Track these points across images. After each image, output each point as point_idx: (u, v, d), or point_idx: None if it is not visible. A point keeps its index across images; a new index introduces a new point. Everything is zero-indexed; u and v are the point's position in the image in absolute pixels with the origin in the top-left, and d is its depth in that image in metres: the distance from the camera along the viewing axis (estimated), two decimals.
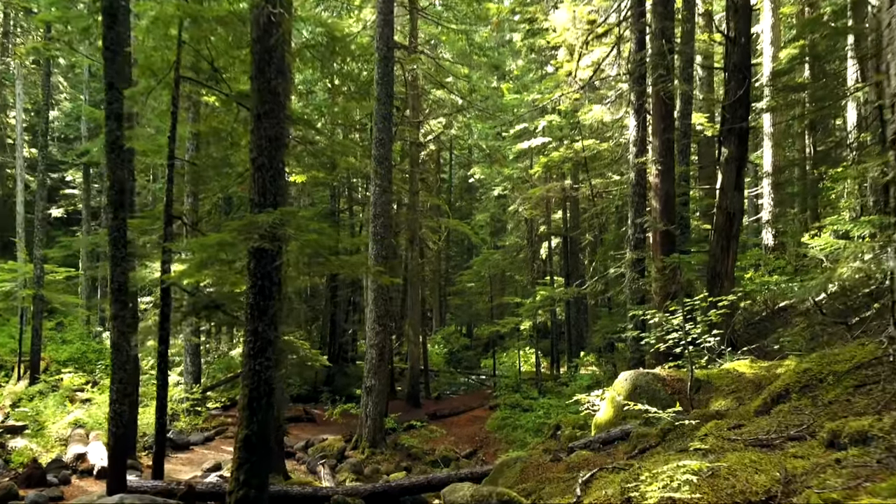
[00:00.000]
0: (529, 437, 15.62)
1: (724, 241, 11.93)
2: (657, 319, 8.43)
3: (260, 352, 6.51)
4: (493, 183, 27.11)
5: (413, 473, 13.45)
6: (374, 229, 14.15)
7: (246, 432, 6.39)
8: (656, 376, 8.20)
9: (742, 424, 4.72)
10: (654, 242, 12.48)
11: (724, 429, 4.78)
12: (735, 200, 11.96)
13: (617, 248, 21.97)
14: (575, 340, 25.04)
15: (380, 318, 14.02)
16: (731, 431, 4.53)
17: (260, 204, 6.56)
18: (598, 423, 8.62)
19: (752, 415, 5.53)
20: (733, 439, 4.20)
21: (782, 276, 20.82)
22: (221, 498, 7.81)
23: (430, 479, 7.88)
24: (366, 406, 13.98)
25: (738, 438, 4.20)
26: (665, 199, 12.39)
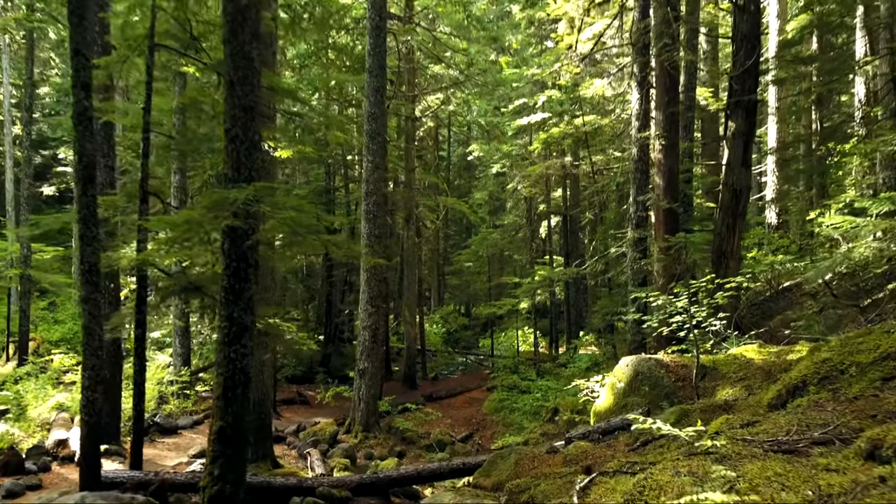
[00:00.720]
0: (527, 421, 15.29)
1: (730, 220, 11.45)
2: (660, 302, 7.98)
3: (235, 338, 6.06)
4: (492, 160, 26.53)
5: (407, 458, 13.12)
6: (367, 207, 13.66)
7: (220, 424, 5.96)
8: (659, 362, 7.77)
9: (756, 421, 4.28)
10: (656, 221, 12.00)
11: (736, 426, 4.34)
12: (742, 177, 11.45)
13: (618, 226, 21.49)
14: (574, 320, 24.67)
15: (373, 299, 13.58)
16: (745, 430, 4.09)
17: (234, 179, 6.06)
18: (597, 410, 8.21)
19: (766, 408, 5.10)
20: (749, 440, 3.76)
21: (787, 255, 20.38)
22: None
23: (419, 471, 7.49)
24: (359, 389, 13.60)
25: (753, 439, 3.75)
26: (668, 175, 11.88)
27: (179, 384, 14.99)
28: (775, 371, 6.79)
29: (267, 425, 10.75)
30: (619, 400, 7.85)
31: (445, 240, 45.15)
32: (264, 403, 10.69)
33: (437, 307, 37.47)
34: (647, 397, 7.53)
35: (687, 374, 7.59)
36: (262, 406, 10.65)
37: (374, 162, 13.60)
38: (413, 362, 20.94)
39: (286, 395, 18.21)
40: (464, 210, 24.05)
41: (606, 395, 8.17)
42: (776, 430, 3.88)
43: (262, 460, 10.57)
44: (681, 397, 7.33)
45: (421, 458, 13.12)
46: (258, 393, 10.62)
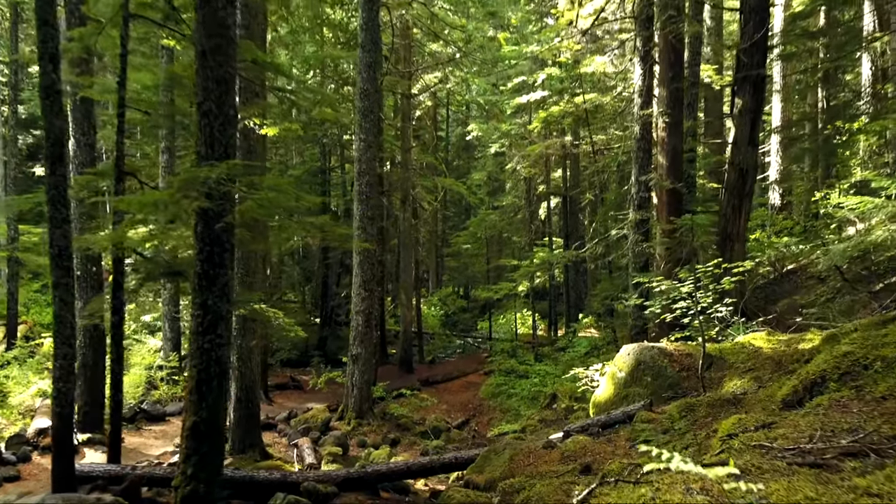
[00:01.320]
0: (524, 406, 14.97)
1: (736, 201, 11.01)
2: (664, 287, 7.57)
3: (210, 327, 5.65)
4: (490, 140, 25.97)
5: (401, 445, 12.80)
6: (360, 188, 13.20)
7: (194, 419, 5.58)
8: (662, 351, 7.37)
9: (773, 423, 3.88)
10: (659, 202, 11.55)
11: (750, 427, 3.94)
12: (749, 156, 10.99)
13: (618, 207, 21.01)
14: (573, 303, 24.30)
15: (366, 282, 13.17)
16: (761, 433, 3.69)
17: (207, 156, 5.61)
18: (597, 401, 7.83)
19: (780, 405, 4.70)
20: (767, 447, 3.36)
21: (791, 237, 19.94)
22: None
23: (409, 465, 7.13)
24: (352, 375, 13.24)
25: (772, 447, 3.35)
26: (672, 154, 11.41)
27: (168, 369, 14.64)
28: (786, 361, 6.39)
29: (255, 414, 10.40)
30: (620, 390, 7.47)
31: (444, 221, 44.67)
32: (252, 391, 10.33)
33: (435, 289, 37.11)
34: (650, 388, 7.15)
35: (692, 363, 7.20)
36: (250, 394, 10.30)
37: (367, 140, 13.11)
38: (409, 346, 20.60)
39: (279, 380, 17.89)
40: (461, 191, 23.58)
41: (606, 384, 7.79)
42: (797, 434, 3.48)
43: (251, 450, 10.25)
44: (685, 388, 6.95)
45: (415, 446, 12.80)
46: (246, 380, 10.26)
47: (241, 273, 10.20)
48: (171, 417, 13.06)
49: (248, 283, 10.19)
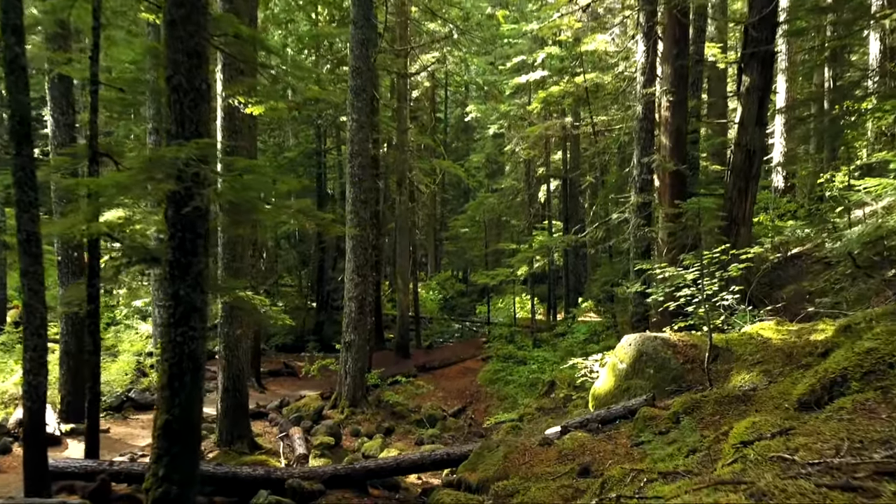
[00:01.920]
0: (522, 393, 14.66)
1: (742, 183, 10.61)
2: (668, 274, 7.18)
3: (182, 319, 5.27)
4: (489, 121, 25.44)
5: (395, 434, 12.49)
6: (352, 170, 12.76)
7: (166, 417, 5.21)
8: (665, 341, 7.00)
9: (791, 429, 3.50)
10: (662, 184, 11.13)
11: (766, 433, 3.57)
12: (756, 136, 10.57)
13: (619, 190, 20.55)
14: (573, 286, 23.94)
15: (359, 267, 12.78)
16: (779, 441, 3.32)
17: (177, 135, 5.19)
18: (596, 393, 7.47)
19: (795, 404, 4.33)
20: (787, 460, 2.99)
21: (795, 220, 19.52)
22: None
23: (399, 461, 6.79)
24: (345, 362, 12.90)
25: (793, 458, 2.98)
26: (676, 135, 10.97)
27: (157, 356, 14.27)
28: (798, 354, 6.02)
29: (243, 404, 10.07)
30: (621, 383, 7.11)
31: (443, 204, 44.18)
32: (240, 380, 9.98)
33: (433, 273, 36.76)
34: (652, 381, 6.79)
35: (696, 355, 6.83)
36: (238, 383, 9.95)
37: (360, 121, 12.65)
38: (406, 331, 20.28)
39: (273, 367, 17.57)
40: (459, 174, 23.14)
41: (606, 376, 7.43)
42: (821, 445, 3.11)
43: (239, 441, 9.93)
44: (690, 382, 6.59)
45: (410, 435, 12.50)
46: (233, 370, 9.91)
47: (227, 259, 9.82)
48: None
49: (235, 268, 9.81)
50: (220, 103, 9.68)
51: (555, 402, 13.36)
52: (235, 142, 9.76)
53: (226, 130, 9.72)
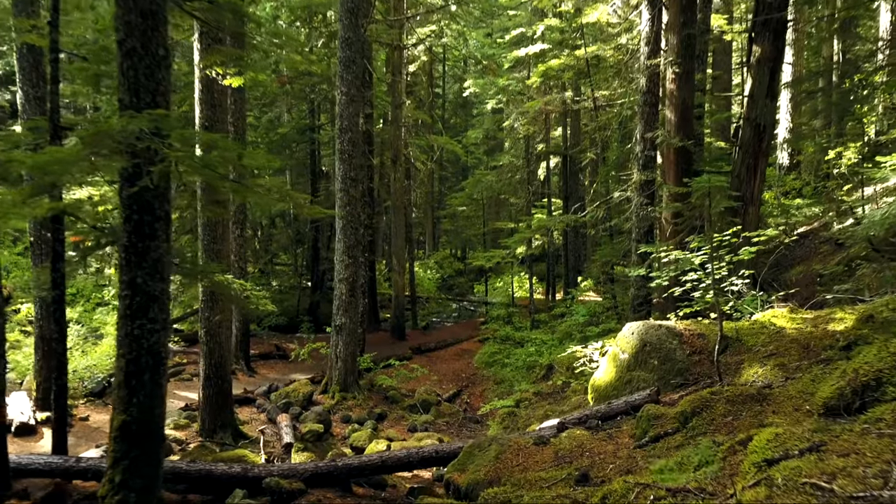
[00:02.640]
0: (519, 377, 14.25)
1: (751, 160, 10.07)
2: (673, 257, 6.68)
3: (140, 311, 4.78)
4: (487, 96, 24.75)
5: (388, 420, 12.10)
6: (342, 146, 12.20)
7: (123, 418, 4.75)
8: (671, 330, 6.52)
9: (823, 444, 3.02)
10: (666, 161, 10.58)
11: (793, 449, 3.09)
12: (766, 110, 10.00)
13: (620, 168, 19.95)
14: (572, 265, 23.47)
15: (350, 248, 12.28)
16: (811, 461, 2.83)
17: (132, 105, 4.66)
18: (596, 385, 7.01)
19: (820, 408, 3.85)
20: (824, 489, 2.51)
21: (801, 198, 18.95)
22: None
23: (384, 459, 6.36)
24: (336, 346, 12.46)
25: (831, 487, 2.50)
26: (682, 108, 10.39)
27: None
28: (815, 346, 5.55)
29: (226, 392, 9.62)
30: (623, 374, 6.64)
31: (441, 182, 43.54)
32: (222, 367, 9.53)
33: (431, 252, 36.27)
34: (656, 373, 6.32)
35: (704, 345, 6.35)
36: (220, 370, 9.50)
37: (350, 94, 12.05)
38: (401, 312, 19.83)
39: (264, 349, 17.14)
40: (456, 150, 22.52)
41: (607, 366, 6.97)
42: (863, 469, 2.62)
43: (222, 430, 9.51)
44: (697, 375, 6.12)
45: (403, 421, 12.10)
46: (214, 357, 9.46)
47: (207, 240, 9.31)
48: None
49: (216, 250, 9.30)
50: (197, 74, 9.09)
51: (553, 386, 12.95)
52: (215, 115, 9.18)
53: (204, 104, 9.14)
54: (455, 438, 11.17)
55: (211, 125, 9.16)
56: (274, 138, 21.93)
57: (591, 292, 26.18)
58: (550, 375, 13.38)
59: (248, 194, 5.09)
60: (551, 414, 11.02)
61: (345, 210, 12.17)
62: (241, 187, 4.87)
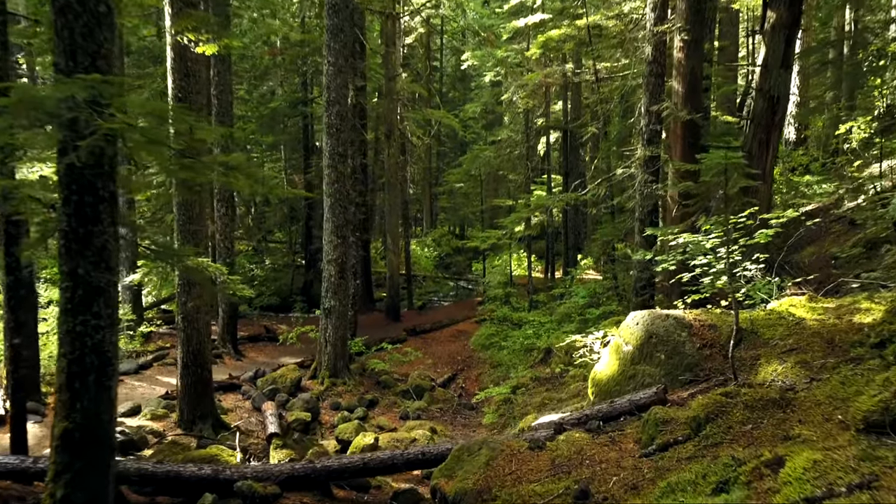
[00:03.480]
0: (517, 360, 13.76)
1: (763, 134, 9.45)
2: (683, 241, 6.11)
3: (83, 305, 4.22)
4: (485, 68, 23.95)
5: (379, 407, 11.63)
6: (329, 120, 11.56)
7: (65, 425, 4.22)
8: (679, 321, 5.97)
9: (875, 479, 2.49)
10: (673, 136, 9.94)
11: (837, 482, 2.55)
12: (781, 80, 9.35)
13: (622, 143, 19.28)
14: (572, 243, 22.88)
15: (338, 228, 11.70)
16: (864, 501, 2.30)
17: (68, 70, 4.05)
18: (597, 378, 6.49)
19: (860, 423, 3.30)
20: None
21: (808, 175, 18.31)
22: None
23: (366, 461, 5.86)
24: (325, 330, 11.95)
25: None
26: (691, 79, 9.73)
27: (125, 322, 13.32)
28: (841, 340, 5.01)
29: (205, 380, 9.11)
30: (626, 368, 6.11)
31: (439, 157, 42.77)
32: (201, 354, 9.01)
33: (429, 229, 35.66)
34: (663, 368, 5.79)
35: (716, 338, 5.81)
36: (199, 358, 8.99)
37: (338, 65, 11.38)
38: (396, 293, 19.32)
39: (253, 331, 16.64)
40: (453, 124, 21.78)
41: (609, 358, 6.43)
42: None
43: (202, 421, 9.02)
44: (708, 370, 5.58)
45: (395, 408, 11.64)
46: (192, 343, 8.94)
47: (183, 221, 8.73)
48: (125, 377, 11.82)
49: (192, 231, 8.73)
50: (168, 41, 8.43)
51: (551, 371, 12.46)
52: (189, 86, 8.54)
53: (176, 73, 8.50)
54: (448, 426, 10.71)
55: (185, 96, 8.54)
56: (265, 112, 21.22)
57: (591, 270, 25.63)
58: (548, 360, 12.90)
59: (202, 174, 4.50)
60: (549, 402, 10.55)
61: (333, 188, 11.57)
62: (195, 165, 4.27)
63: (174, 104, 8.58)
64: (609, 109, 18.95)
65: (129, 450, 7.79)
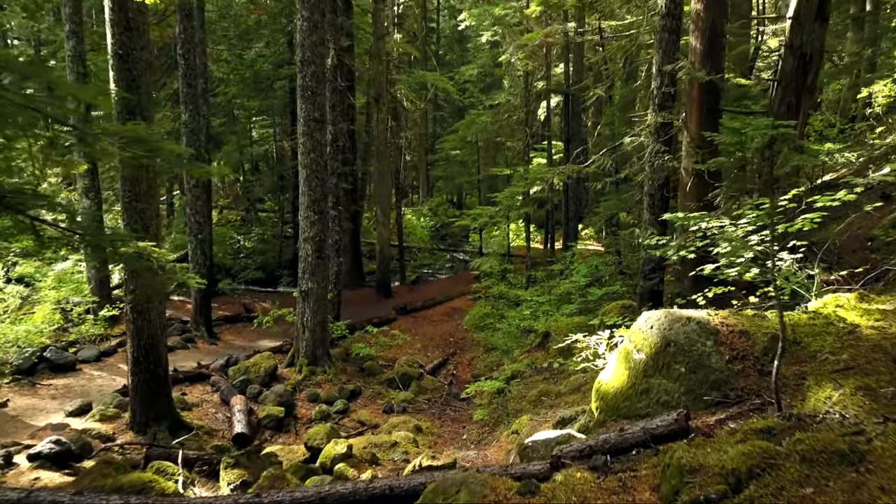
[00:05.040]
0: (512, 343, 12.79)
1: (793, 97, 8.29)
2: (710, 225, 5.04)
3: None
4: (482, 27, 22.50)
5: (362, 398, 10.70)
6: (304, 82, 10.36)
7: None
8: (703, 326, 4.91)
9: None
10: (690, 99, 8.77)
11: None
12: (815, 35, 8.15)
13: (626, 108, 18.03)
14: (573, 213, 21.70)
15: (315, 202, 10.61)
16: None
17: None
18: (603, 391, 5.46)
19: None
20: None
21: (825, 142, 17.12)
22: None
23: (323, 496, 4.87)
24: (302, 314, 10.95)
25: None
26: (711, 34, 8.52)
27: (87, 305, 12.29)
28: None
29: (160, 377, 8.12)
30: (638, 381, 5.08)
31: (436, 123, 41.36)
32: (154, 348, 8.00)
33: (426, 198, 34.47)
34: (683, 384, 4.76)
35: (749, 348, 4.76)
36: (152, 352, 7.98)
37: (312, 20, 10.14)
38: (387, 267, 18.28)
39: (233, 311, 15.64)
40: (448, 87, 20.52)
41: (617, 367, 5.40)
42: None
43: (157, 423, 8.07)
44: (740, 391, 4.55)
45: (379, 399, 10.71)
46: (144, 337, 7.92)
47: (129, 198, 7.64)
48: (85, 366, 10.87)
49: (140, 210, 7.64)
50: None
51: (548, 357, 11.52)
52: (132, 42, 7.36)
53: (116, 27, 7.31)
54: (436, 422, 9.78)
55: (127, 53, 7.36)
56: (247, 75, 19.88)
57: (593, 241, 24.56)
58: (546, 344, 11.93)
59: (96, 149, 3.40)
60: (546, 396, 9.57)
61: (309, 157, 10.44)
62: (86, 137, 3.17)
63: (114, 62, 7.44)
64: (614, 71, 17.65)
65: (67, 461, 6.84)
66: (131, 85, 7.41)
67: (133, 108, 7.44)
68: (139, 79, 7.45)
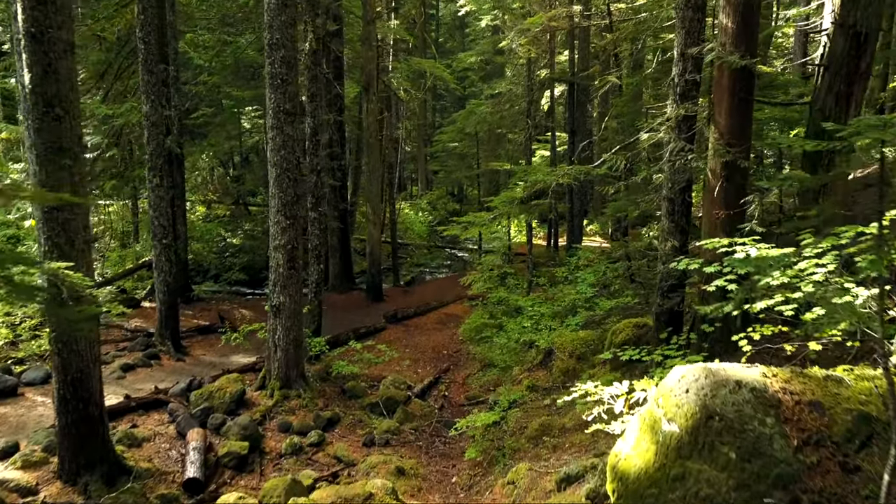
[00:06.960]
0: (512, 359, 11.55)
1: (843, 85, 6.99)
2: (763, 254, 3.78)
3: None
4: (482, 11, 21.14)
5: (340, 427, 9.47)
6: (272, 69, 9.07)
7: None
8: (759, 396, 3.64)
9: None
10: (718, 88, 7.41)
11: None
12: (871, 11, 6.83)
13: (636, 98, 16.72)
14: (578, 209, 20.36)
15: (287, 206, 9.34)
16: None
17: None
18: (623, 473, 4.18)
19: None
20: None
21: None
22: None
23: None
24: (274, 332, 9.72)
25: None
26: (744, 11, 7.16)
27: (41, 318, 11.08)
28: None
29: (92, 416, 6.87)
30: (670, 462, 3.82)
31: (435, 113, 40.04)
32: (84, 383, 6.76)
33: (424, 191, 33.18)
34: (734, 476, 3.49)
35: (825, 428, 3.49)
36: (81, 388, 6.74)
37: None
38: (378, 269, 17.03)
39: (208, 320, 14.39)
40: (444, 76, 19.21)
41: (640, 439, 4.13)
42: None
43: (89, 470, 6.85)
44: (818, 494, 3.28)
45: (359, 429, 9.48)
46: (71, 371, 6.70)
47: (47, 206, 6.38)
48: (28, 389, 9.65)
49: (61, 220, 6.38)
50: None
51: (551, 377, 10.30)
52: (48, 18, 6.09)
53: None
54: (423, 459, 8.57)
55: (41, 32, 6.10)
56: (229, 62, 18.56)
57: (598, 237, 23.26)
58: (549, 362, 10.71)
59: None
60: (549, 431, 8.28)
61: (279, 155, 9.16)
62: None
63: (26, 43, 6.16)
64: (624, 58, 16.29)
65: None
66: (47, 71, 6.15)
67: (51, 100, 6.19)
68: (57, 63, 6.19)
